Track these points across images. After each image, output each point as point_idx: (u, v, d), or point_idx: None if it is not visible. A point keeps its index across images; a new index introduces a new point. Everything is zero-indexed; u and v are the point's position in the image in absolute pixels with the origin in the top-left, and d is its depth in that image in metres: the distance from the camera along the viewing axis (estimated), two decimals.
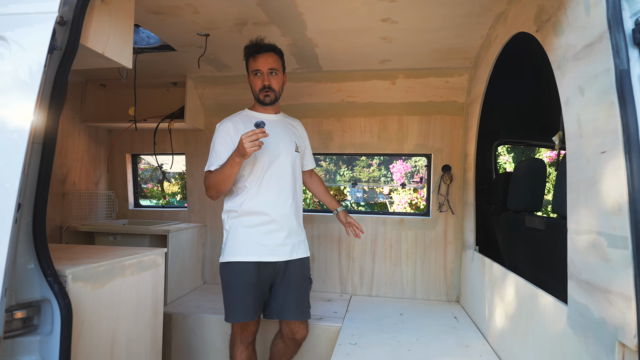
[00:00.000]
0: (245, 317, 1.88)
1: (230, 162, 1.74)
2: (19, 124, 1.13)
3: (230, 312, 1.89)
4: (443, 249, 2.93)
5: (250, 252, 1.88)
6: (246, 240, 1.89)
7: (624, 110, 0.88)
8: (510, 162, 6.58)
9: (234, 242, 1.90)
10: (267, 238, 1.90)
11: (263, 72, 1.91)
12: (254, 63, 1.92)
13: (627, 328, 0.88)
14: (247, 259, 1.87)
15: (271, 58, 1.92)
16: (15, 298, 1.17)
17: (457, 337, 2.19)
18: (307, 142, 2.22)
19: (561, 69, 1.24)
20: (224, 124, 1.93)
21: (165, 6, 1.88)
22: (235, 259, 1.88)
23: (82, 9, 1.26)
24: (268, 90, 1.92)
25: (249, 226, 1.89)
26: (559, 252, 1.50)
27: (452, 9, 1.85)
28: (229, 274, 1.89)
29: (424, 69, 2.72)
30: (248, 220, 1.90)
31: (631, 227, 0.86)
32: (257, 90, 1.94)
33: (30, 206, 1.19)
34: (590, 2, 1.05)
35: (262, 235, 1.89)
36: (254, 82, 1.94)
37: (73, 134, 3.05)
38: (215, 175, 1.82)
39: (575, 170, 1.15)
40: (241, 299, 1.87)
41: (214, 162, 1.87)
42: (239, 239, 1.89)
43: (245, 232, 1.89)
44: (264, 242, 1.89)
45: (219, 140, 1.89)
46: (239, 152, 1.70)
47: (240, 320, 1.89)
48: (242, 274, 1.87)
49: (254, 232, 1.89)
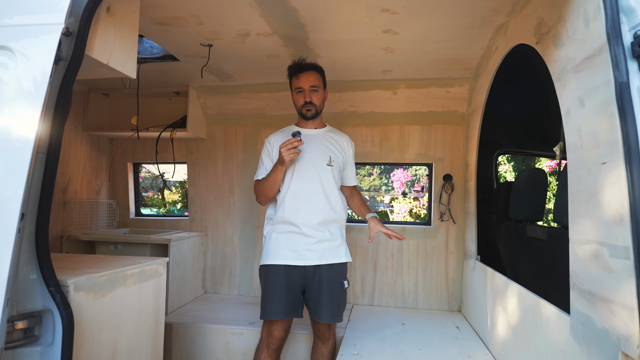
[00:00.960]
0: (274, 314, 1.99)
1: (274, 169, 1.97)
2: (23, 133, 1.14)
3: (263, 310, 2.02)
4: (445, 259, 2.92)
5: (280, 256, 2.03)
6: (277, 245, 2.04)
7: (624, 121, 0.88)
8: (510, 170, 6.59)
9: (268, 247, 2.07)
10: (295, 244, 2.03)
11: (305, 89, 2.04)
12: (296, 81, 2.06)
13: (630, 338, 0.88)
14: (278, 262, 2.02)
15: (312, 76, 2.05)
16: (17, 308, 1.16)
17: (460, 347, 2.17)
18: (350, 158, 2.27)
19: (561, 80, 1.25)
20: (269, 137, 2.15)
21: (170, 17, 1.91)
22: (269, 262, 2.03)
23: (88, 20, 1.28)
24: (310, 105, 2.05)
25: (280, 233, 2.06)
26: (561, 262, 1.50)
27: (453, 20, 1.88)
28: (264, 276, 2.06)
29: (425, 79, 2.74)
30: (280, 228, 2.06)
31: (633, 237, 0.86)
32: (300, 106, 2.08)
33: (33, 216, 1.19)
34: (590, 15, 1.06)
35: (290, 241, 2.03)
36: (297, 99, 2.08)
37: (75, 142, 3.06)
38: (262, 183, 2.05)
39: (577, 180, 1.15)
40: (272, 298, 2.00)
41: (260, 171, 2.10)
42: (272, 244, 2.06)
43: (277, 238, 2.05)
44: (292, 247, 2.03)
45: (264, 151, 2.13)
46: (279, 160, 1.93)
47: (269, 317, 2.00)
48: (274, 275, 2.02)
49: (284, 238, 2.04)
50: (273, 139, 2.12)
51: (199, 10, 1.84)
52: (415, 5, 1.74)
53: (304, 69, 2.04)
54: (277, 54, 2.35)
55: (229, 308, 2.86)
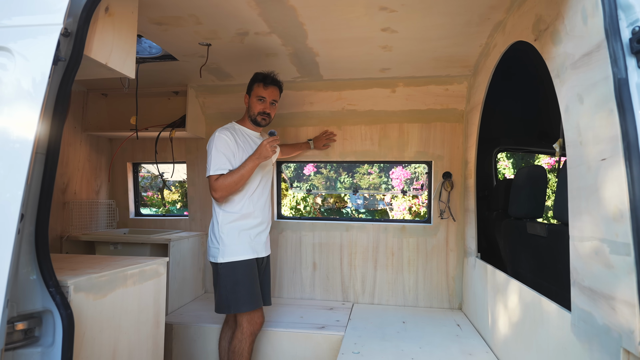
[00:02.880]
0: (260, 302, 2.17)
1: (251, 164, 2.07)
2: (23, 134, 1.14)
3: (249, 302, 2.12)
4: (445, 256, 2.92)
5: (249, 250, 2.17)
6: (246, 240, 2.18)
7: (623, 117, 0.88)
8: (509, 167, 6.59)
9: (237, 241, 2.15)
10: (258, 237, 2.24)
11: (267, 100, 2.21)
12: (261, 90, 2.20)
13: (632, 335, 0.88)
14: (250, 256, 2.17)
15: (276, 92, 2.24)
16: (17, 309, 1.16)
17: (461, 345, 2.18)
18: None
19: (560, 77, 1.25)
20: (224, 133, 2.15)
21: (168, 17, 1.91)
22: (243, 257, 2.14)
23: (87, 21, 1.28)
24: (267, 116, 2.23)
25: (245, 229, 2.18)
26: (562, 259, 1.50)
27: (451, 18, 1.87)
28: (234, 272, 2.13)
29: (423, 77, 2.74)
30: (245, 224, 2.18)
31: (633, 233, 0.86)
32: (256, 112, 2.22)
33: (32, 217, 1.19)
34: (588, 12, 1.06)
35: (255, 235, 2.22)
36: (255, 104, 2.21)
37: (74, 143, 3.06)
38: (232, 176, 2.06)
39: (576, 177, 1.15)
40: (253, 289, 2.15)
41: (222, 166, 2.08)
42: (241, 239, 2.16)
43: (243, 234, 2.17)
44: (257, 240, 2.22)
45: (224, 145, 2.11)
46: (260, 155, 2.06)
47: (258, 305, 2.15)
48: (250, 268, 2.16)
49: (249, 233, 2.19)
50: (232, 137, 2.14)
51: (198, 10, 1.84)
52: (413, 3, 1.73)
53: (273, 83, 2.22)
54: (276, 53, 2.35)
55: None
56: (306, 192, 7.12)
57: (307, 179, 7.59)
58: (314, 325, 2.48)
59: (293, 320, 2.57)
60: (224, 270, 2.12)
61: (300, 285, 3.11)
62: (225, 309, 2.13)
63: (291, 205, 6.78)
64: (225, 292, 2.11)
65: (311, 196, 7.13)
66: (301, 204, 6.87)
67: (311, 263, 3.10)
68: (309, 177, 7.56)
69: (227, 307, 2.12)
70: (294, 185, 7.48)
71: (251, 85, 2.24)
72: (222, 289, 2.12)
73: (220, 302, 2.14)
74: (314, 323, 2.53)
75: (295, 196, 6.85)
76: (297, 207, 6.84)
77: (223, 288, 2.12)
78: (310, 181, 7.59)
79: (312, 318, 2.63)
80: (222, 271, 2.12)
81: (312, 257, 3.10)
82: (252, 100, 2.23)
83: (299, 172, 7.44)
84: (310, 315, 2.68)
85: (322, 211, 7.43)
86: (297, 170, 7.35)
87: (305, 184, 7.56)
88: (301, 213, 6.83)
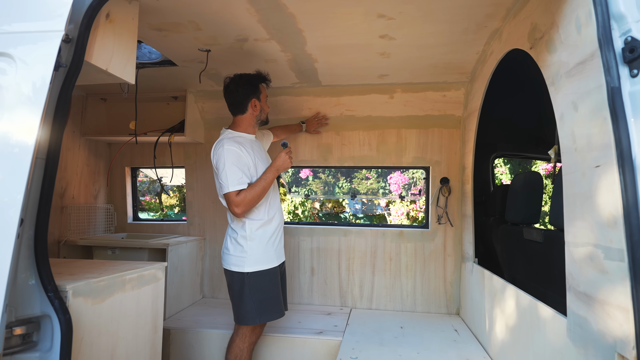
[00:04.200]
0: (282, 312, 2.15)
1: (271, 176, 2.06)
2: (23, 139, 1.15)
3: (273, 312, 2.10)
4: (442, 261, 2.93)
5: (274, 258, 2.14)
6: (269, 248, 2.12)
7: (616, 125, 0.90)
8: (506, 173, 6.61)
9: (259, 251, 2.08)
10: (280, 242, 2.21)
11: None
12: (265, 89, 2.23)
13: (626, 340, 0.89)
14: (274, 264, 2.14)
15: None
16: (15, 314, 1.16)
17: (458, 350, 2.18)
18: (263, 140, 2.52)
19: (555, 85, 1.27)
20: (232, 145, 2.02)
21: (168, 23, 1.92)
22: (267, 267, 2.09)
23: (88, 27, 1.29)
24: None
25: (268, 235, 2.12)
26: (557, 264, 1.51)
27: (449, 26, 1.90)
28: (262, 281, 2.07)
29: (421, 84, 2.76)
30: (269, 229, 2.13)
31: (626, 239, 0.87)
32: (267, 112, 2.24)
33: (32, 221, 1.19)
34: (582, 22, 1.08)
35: (278, 240, 2.19)
36: (266, 105, 2.23)
37: (73, 147, 3.06)
38: (254, 190, 2.01)
39: (571, 183, 1.17)
40: (277, 299, 2.12)
41: (241, 180, 1.99)
42: (264, 247, 2.10)
43: (267, 241, 2.12)
44: (279, 245, 2.20)
45: (236, 159, 2.00)
46: (280, 167, 2.07)
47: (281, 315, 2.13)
48: (274, 277, 2.13)
49: (273, 239, 2.15)
50: (238, 146, 2.03)
51: (197, 17, 1.86)
52: (411, 11, 1.75)
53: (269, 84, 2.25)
54: (275, 59, 2.37)
55: (227, 313, 2.85)
56: (304, 197, 7.13)
57: (305, 184, 7.60)
58: (311, 331, 2.48)
59: (291, 325, 2.57)
60: (251, 279, 2.04)
61: (299, 290, 3.11)
62: (251, 320, 2.04)
63: (289, 209, 6.79)
64: (252, 302, 2.03)
65: (309, 201, 7.13)
66: (299, 209, 6.87)
67: (309, 268, 3.10)
68: (306, 182, 7.57)
69: (253, 318, 2.03)
70: (292, 190, 7.49)
71: (256, 87, 2.15)
72: (248, 299, 2.03)
73: (245, 312, 2.04)
74: (311, 328, 2.53)
75: (293, 200, 6.86)
76: (295, 211, 6.85)
77: (249, 298, 2.03)
78: (309, 186, 7.60)
79: (310, 323, 2.63)
80: (249, 280, 2.03)
81: (310, 262, 3.10)
82: (263, 103, 2.19)
83: (297, 177, 7.45)
84: (308, 321, 2.68)
85: (320, 216, 7.43)
86: (294, 174, 7.36)
87: (303, 189, 7.57)
88: (299, 218, 6.83)
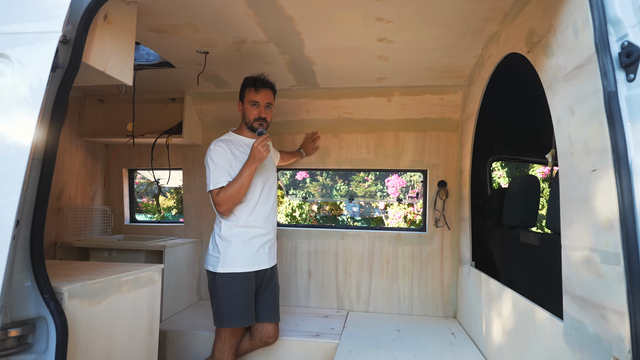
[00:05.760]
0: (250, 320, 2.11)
1: (248, 170, 1.99)
2: (20, 140, 1.14)
3: (242, 317, 2.07)
4: (440, 265, 2.93)
5: (249, 263, 2.10)
6: (245, 252, 2.10)
7: (612, 130, 0.91)
8: (504, 176, 6.64)
9: (234, 253, 2.08)
10: (262, 248, 2.16)
11: (261, 104, 2.15)
12: (254, 95, 2.14)
13: (622, 343, 0.89)
14: (249, 269, 2.10)
15: (269, 94, 2.18)
16: (10, 316, 1.15)
17: (455, 353, 2.18)
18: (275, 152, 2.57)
19: (552, 89, 1.28)
20: (218, 145, 2.08)
21: (166, 25, 1.92)
22: (239, 270, 2.07)
23: (85, 28, 1.29)
24: (263, 121, 2.16)
25: (246, 239, 2.10)
26: (554, 268, 1.51)
27: (447, 30, 1.90)
28: (232, 283, 2.06)
29: (419, 87, 2.77)
30: (248, 234, 2.11)
31: (623, 243, 0.87)
32: (252, 118, 2.15)
33: (28, 223, 1.19)
34: (579, 26, 1.09)
35: (259, 246, 2.14)
36: (250, 110, 2.15)
37: (70, 149, 3.05)
38: (232, 187, 1.99)
39: (568, 187, 1.17)
40: (247, 305, 2.08)
41: (222, 178, 2.02)
42: (239, 250, 2.09)
43: (244, 244, 2.10)
44: (260, 251, 2.15)
45: (220, 158, 2.04)
46: (255, 158, 1.97)
47: (246, 323, 2.09)
48: (247, 282, 2.09)
49: (251, 244, 2.12)
50: (227, 147, 2.07)
51: (195, 18, 1.86)
52: (409, 14, 1.76)
53: (265, 85, 2.15)
54: (273, 61, 2.37)
55: None
56: (302, 199, 7.13)
57: (303, 186, 7.60)
58: (308, 333, 2.47)
59: (287, 328, 2.56)
60: (222, 280, 2.04)
61: (295, 292, 3.10)
62: (218, 322, 2.06)
63: (287, 212, 6.79)
64: (221, 305, 2.04)
65: (307, 203, 7.13)
66: (297, 211, 6.88)
67: (306, 270, 3.10)
68: (304, 184, 7.57)
69: (220, 321, 2.05)
70: (290, 192, 7.49)
71: (242, 91, 2.18)
72: (217, 301, 2.05)
73: (216, 314, 2.07)
74: (308, 331, 2.52)
75: (290, 203, 6.86)
76: (293, 214, 6.85)
77: (219, 300, 2.05)
78: (306, 188, 7.60)
79: (306, 326, 2.62)
80: (219, 281, 2.05)
81: (308, 265, 3.10)
82: (245, 107, 2.16)
83: (294, 179, 7.45)
84: (304, 323, 2.68)
85: (318, 218, 7.43)
86: (292, 177, 7.37)
87: (301, 191, 7.57)
88: (297, 220, 6.83)
